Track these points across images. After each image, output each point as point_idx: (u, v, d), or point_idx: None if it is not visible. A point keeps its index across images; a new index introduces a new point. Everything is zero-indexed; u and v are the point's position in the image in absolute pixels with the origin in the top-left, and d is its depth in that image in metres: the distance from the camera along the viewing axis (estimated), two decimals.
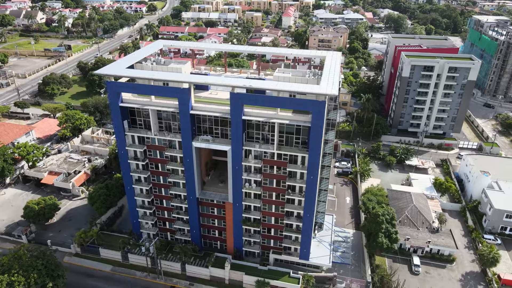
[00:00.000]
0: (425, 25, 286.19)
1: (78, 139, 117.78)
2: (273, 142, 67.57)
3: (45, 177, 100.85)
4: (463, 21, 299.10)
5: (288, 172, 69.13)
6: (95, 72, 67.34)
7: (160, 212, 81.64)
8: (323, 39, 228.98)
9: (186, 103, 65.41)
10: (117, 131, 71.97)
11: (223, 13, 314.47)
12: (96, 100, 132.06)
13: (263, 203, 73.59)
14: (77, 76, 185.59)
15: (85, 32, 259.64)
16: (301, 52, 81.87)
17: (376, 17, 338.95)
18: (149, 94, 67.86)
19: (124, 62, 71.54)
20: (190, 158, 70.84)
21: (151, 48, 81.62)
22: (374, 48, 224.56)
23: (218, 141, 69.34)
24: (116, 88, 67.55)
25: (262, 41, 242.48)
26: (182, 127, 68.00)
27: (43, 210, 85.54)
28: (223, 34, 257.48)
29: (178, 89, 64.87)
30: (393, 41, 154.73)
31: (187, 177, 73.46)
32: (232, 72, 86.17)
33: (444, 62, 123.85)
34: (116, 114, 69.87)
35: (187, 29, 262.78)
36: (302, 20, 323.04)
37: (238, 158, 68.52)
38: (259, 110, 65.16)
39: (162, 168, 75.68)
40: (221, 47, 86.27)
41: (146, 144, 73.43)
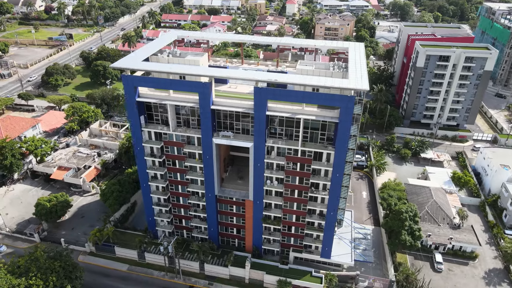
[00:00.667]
0: (431, 12, 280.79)
1: (86, 133, 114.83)
2: (297, 139, 65.13)
3: (55, 172, 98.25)
4: (470, 8, 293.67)
5: (312, 169, 66.74)
6: (112, 66, 64.20)
7: (177, 209, 79.41)
8: (329, 27, 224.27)
9: (207, 98, 62.55)
10: (133, 127, 69.20)
11: (225, 0, 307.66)
12: (102, 92, 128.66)
13: (284, 201, 71.39)
14: (80, 66, 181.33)
15: (86, 20, 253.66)
16: (325, 44, 78.32)
17: (381, 4, 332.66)
18: (167, 88, 64.89)
19: (139, 55, 68.34)
20: (210, 154, 68.29)
21: (165, 39, 78.11)
22: (381, 36, 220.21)
23: (239, 137, 66.73)
24: (132, 82, 64.53)
25: (267, 29, 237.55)
26: (202, 122, 65.29)
27: (55, 207, 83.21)
28: (227, 22, 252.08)
29: (199, 83, 61.95)
30: (405, 29, 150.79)
31: (206, 174, 71.05)
32: (249, 64, 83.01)
33: (460, 51, 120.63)
34: (132, 110, 67.02)
35: (190, 17, 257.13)
36: (306, 7, 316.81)
37: (261, 155, 66.05)
38: (284, 105, 62.51)
39: (180, 165, 73.15)
40: (239, 37, 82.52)
41: (163, 140, 70.76)
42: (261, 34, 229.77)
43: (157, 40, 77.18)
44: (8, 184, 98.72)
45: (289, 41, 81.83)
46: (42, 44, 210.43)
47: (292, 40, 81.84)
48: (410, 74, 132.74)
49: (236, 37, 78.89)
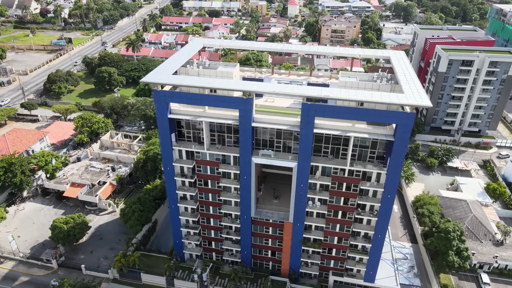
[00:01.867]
0: (435, 13, 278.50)
1: (97, 145, 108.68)
2: (344, 157, 60.31)
3: (68, 189, 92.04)
4: (472, 9, 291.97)
5: (359, 190, 61.94)
6: (143, 80, 58.62)
7: (206, 231, 74.03)
8: (336, 30, 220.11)
9: (249, 114, 57.44)
10: (163, 146, 63.71)
11: (226, 2, 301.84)
12: (111, 101, 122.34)
13: (326, 222, 66.48)
14: (83, 72, 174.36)
15: (84, 23, 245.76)
16: (363, 52, 73.56)
17: (382, 5, 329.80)
18: (204, 104, 59.49)
19: (168, 67, 62.83)
20: (248, 175, 63.11)
21: (192, 48, 72.64)
22: (389, 38, 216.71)
23: (280, 156, 61.62)
24: (165, 97, 59.11)
25: (271, 31, 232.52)
26: (242, 141, 60.09)
27: (72, 230, 77.22)
28: (229, 24, 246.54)
29: (240, 99, 56.75)
30: (422, 32, 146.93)
31: (242, 196, 65.84)
32: (279, 74, 77.91)
33: (484, 56, 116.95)
34: (164, 127, 61.59)
35: (191, 19, 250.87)
36: (307, 9, 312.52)
37: (304, 175, 61.05)
38: (332, 122, 57.63)
39: (213, 185, 67.79)
40: (268, 46, 77.50)
41: (195, 159, 65.33)
42: (265, 36, 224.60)
43: (184, 50, 71.59)
44: (17, 203, 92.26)
45: (324, 50, 76.83)
46: (40, 48, 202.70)
47: (328, 49, 76.93)
48: (431, 79, 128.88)
49: (266, 45, 73.80)
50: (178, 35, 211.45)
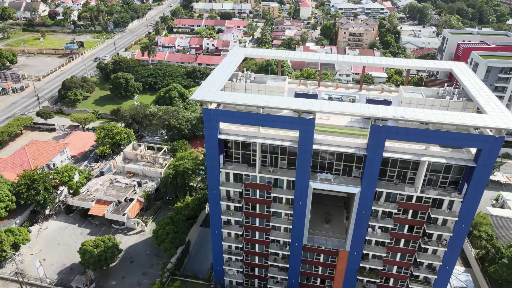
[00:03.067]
0: (450, 15, 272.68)
1: (120, 157, 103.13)
2: (411, 182, 54.74)
3: (93, 207, 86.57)
4: (488, 10, 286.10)
5: (427, 217, 56.35)
6: (192, 98, 52.92)
7: (250, 257, 68.46)
8: (353, 33, 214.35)
9: (310, 136, 51.85)
10: (210, 168, 58.13)
11: (236, 4, 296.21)
12: (133, 110, 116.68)
13: (387, 251, 60.87)
14: (97, 77, 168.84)
15: (94, 26, 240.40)
16: (421, 64, 67.82)
17: (394, 6, 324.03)
18: (259, 125, 53.92)
19: (214, 82, 57.19)
20: (304, 200, 57.51)
21: (234, 59, 66.98)
22: (408, 42, 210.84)
23: (341, 180, 56.00)
24: (216, 117, 53.54)
25: (286, 34, 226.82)
26: (299, 164, 54.49)
27: (104, 254, 71.63)
28: (243, 27, 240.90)
29: (301, 119, 51.12)
30: (452, 37, 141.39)
31: (295, 222, 60.24)
32: (326, 87, 72.27)
33: None
34: (212, 148, 56.04)
35: (203, 22, 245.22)
36: (319, 10, 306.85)
37: (368, 202, 55.44)
38: (401, 145, 52.02)
39: (261, 209, 62.22)
40: (311, 56, 71.70)
41: (244, 183, 59.74)
42: (280, 39, 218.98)
43: (226, 62, 65.81)
44: (40, 221, 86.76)
45: (374, 61, 70.15)
46: (51, 52, 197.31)
47: (378, 60, 70.75)
48: None
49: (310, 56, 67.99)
50: (192, 39, 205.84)
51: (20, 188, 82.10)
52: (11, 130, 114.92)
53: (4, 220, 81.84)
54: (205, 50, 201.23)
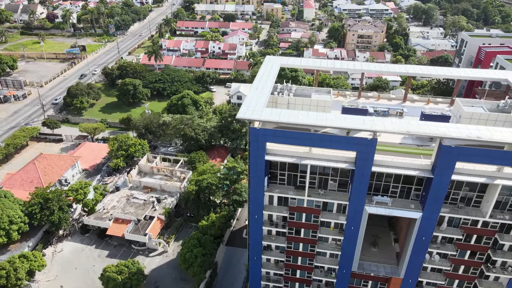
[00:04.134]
0: (456, 15, 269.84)
1: (135, 171, 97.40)
2: (477, 205, 50.07)
3: (111, 226, 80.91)
4: (493, 11, 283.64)
5: (492, 242, 51.69)
6: (240, 117, 47.59)
7: (290, 284, 63.29)
8: (362, 35, 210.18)
9: (370, 157, 46.89)
10: (254, 190, 52.93)
11: (239, 5, 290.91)
12: (146, 119, 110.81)
13: (444, 277, 56.14)
14: (101, 83, 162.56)
15: (94, 29, 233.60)
16: (473, 74, 63.15)
17: (397, 7, 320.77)
18: (313, 145, 48.82)
19: (257, 97, 52.01)
20: (357, 225, 52.53)
21: (270, 70, 61.91)
22: (417, 43, 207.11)
23: (399, 204, 51.04)
24: (265, 137, 48.34)
25: (292, 36, 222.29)
26: (355, 187, 49.46)
27: (128, 282, 66.01)
28: (248, 29, 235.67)
29: (363, 140, 46.14)
30: (471, 40, 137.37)
31: (344, 247, 55.26)
32: (366, 98, 67.37)
33: None
34: (258, 170, 50.86)
35: (207, 24, 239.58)
36: (322, 12, 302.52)
37: (430, 228, 50.61)
38: (472, 166, 47.18)
39: (307, 234, 57.09)
40: (345, 66, 66.93)
41: (289, 206, 54.60)
42: (287, 42, 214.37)
43: (263, 72, 60.67)
44: (54, 243, 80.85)
45: (415, 70, 65.27)
46: (52, 57, 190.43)
47: (419, 70, 65.90)
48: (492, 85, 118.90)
49: (362, 66, 63.26)
50: (197, 42, 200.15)
51: (33, 208, 76.27)
52: (17, 142, 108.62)
53: (16, 244, 75.94)
54: (211, 54, 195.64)
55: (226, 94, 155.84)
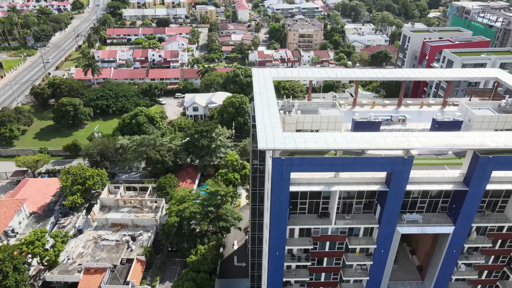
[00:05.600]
0: (380, 11, 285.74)
1: (97, 207, 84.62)
2: (501, 210, 49.25)
3: (82, 280, 68.43)
4: (411, 6, 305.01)
5: None
6: (263, 148, 40.57)
7: None
8: (303, 34, 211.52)
9: (406, 176, 43.22)
10: (276, 226, 46.50)
11: (170, 9, 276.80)
12: (101, 144, 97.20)
13: (469, 284, 55.02)
14: (29, 105, 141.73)
15: (8, 42, 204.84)
16: (464, 74, 62.86)
17: (325, 5, 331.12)
18: (343, 170, 43.73)
19: (269, 121, 45.73)
20: (387, 248, 48.83)
21: (265, 86, 55.67)
22: (355, 40, 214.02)
23: (429, 220, 48.21)
24: (290, 167, 42.13)
25: (233, 39, 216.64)
26: (388, 208, 45.55)
27: None
28: (185, 34, 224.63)
29: (399, 159, 42.13)
30: (414, 36, 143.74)
31: (373, 273, 51.31)
32: (361, 106, 64.19)
33: (495, 58, 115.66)
34: (282, 203, 44.59)
35: (140, 31, 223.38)
36: (256, 12, 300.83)
37: (461, 240, 48.65)
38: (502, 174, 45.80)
39: (329, 262, 52.16)
40: (364, 74, 62.14)
41: (313, 236, 49.15)
42: (229, 45, 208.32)
43: (260, 91, 53.89)
44: None
45: (420, 74, 63.07)
46: None
47: (422, 73, 64.11)
48: (440, 84, 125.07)
49: (363, 74, 59.27)
50: (135, 51, 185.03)
51: None
52: None
53: None
54: (151, 62, 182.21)
55: (178, 106, 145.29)
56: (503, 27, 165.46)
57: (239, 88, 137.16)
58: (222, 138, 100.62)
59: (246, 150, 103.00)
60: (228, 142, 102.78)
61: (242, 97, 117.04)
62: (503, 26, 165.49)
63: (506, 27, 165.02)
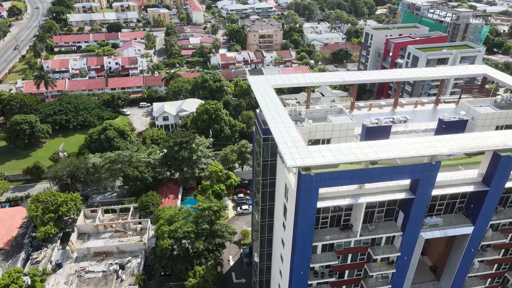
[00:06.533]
0: (332, 10, 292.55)
1: (74, 235, 76.67)
2: (511, 205, 50.22)
3: None
4: (360, 4, 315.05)
5: None
6: (291, 165, 37.33)
7: None
8: (263, 35, 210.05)
9: (432, 182, 42.41)
10: (302, 244, 43.82)
11: (119, 12, 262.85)
12: (70, 164, 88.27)
13: (480, 278, 55.81)
14: None
15: None
16: (448, 72, 63.63)
17: (277, 4, 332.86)
18: (371, 181, 41.79)
19: (286, 133, 42.90)
20: (410, 255, 47.93)
21: (268, 95, 52.61)
22: (314, 39, 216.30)
23: (449, 222, 47.92)
24: (319, 183, 39.59)
25: (192, 42, 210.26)
26: (414, 215, 44.59)
27: None
28: (140, 38, 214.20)
29: (427, 166, 41.14)
30: (377, 33, 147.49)
31: (395, 281, 50.19)
32: (359, 109, 63.12)
33: (456, 52, 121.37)
34: (308, 220, 42.07)
35: (91, 37, 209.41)
36: (209, 14, 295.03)
37: (479, 238, 48.97)
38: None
39: (350, 274, 50.30)
40: (352, 77, 60.35)
41: (336, 250, 46.93)
42: (189, 49, 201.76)
43: (265, 101, 50.53)
44: None
45: (415, 74, 63.23)
46: None
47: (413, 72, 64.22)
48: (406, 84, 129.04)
49: (363, 76, 57.75)
50: (88, 59, 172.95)
51: None
52: None
53: None
54: (108, 71, 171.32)
55: (144, 116, 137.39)
56: (452, 22, 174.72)
57: (209, 94, 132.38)
58: (202, 148, 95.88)
59: (228, 159, 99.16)
60: (208, 152, 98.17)
61: (217, 104, 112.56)
62: (452, 21, 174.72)
63: (456, 22, 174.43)
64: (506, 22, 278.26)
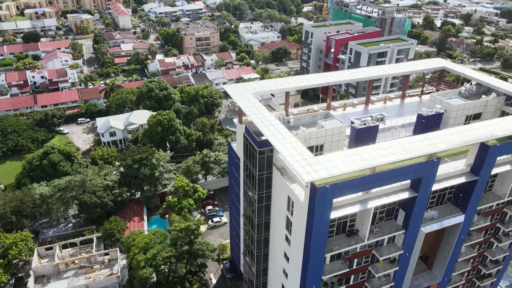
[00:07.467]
0: (262, 9, 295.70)
1: (31, 280, 66.81)
2: (490, 189, 53.63)
3: None
4: (287, 2, 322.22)
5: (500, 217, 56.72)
6: (308, 180, 35.07)
7: None
8: (200, 37, 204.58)
9: (432, 180, 43.39)
10: (316, 258, 42.17)
11: (35, 20, 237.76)
12: (14, 199, 76.54)
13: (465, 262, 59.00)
14: None
15: None
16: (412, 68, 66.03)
17: (206, 5, 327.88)
18: (380, 186, 41.34)
19: (289, 145, 40.99)
20: (410, 251, 48.75)
21: (255, 105, 50.01)
22: (251, 39, 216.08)
23: (444, 213, 49.57)
24: (333, 194, 38.28)
25: (124, 49, 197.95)
26: (416, 213, 45.21)
27: None
28: (64, 48, 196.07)
29: (429, 163, 41.90)
30: (316, 31, 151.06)
31: (398, 278, 50.82)
32: (334, 109, 63.09)
33: (394, 46, 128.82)
34: (322, 233, 40.63)
35: (6, 49, 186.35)
36: (137, 18, 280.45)
37: (468, 225, 51.51)
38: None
39: (355, 279, 49.78)
40: (328, 78, 58.94)
41: (344, 257, 45.98)
42: (123, 56, 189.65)
43: (254, 113, 47.65)
44: None
45: (384, 71, 64.70)
46: None
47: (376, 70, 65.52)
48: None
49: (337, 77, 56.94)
50: (7, 74, 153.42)
51: None
52: None
53: None
54: (33, 86, 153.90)
55: (85, 133, 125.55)
56: (379, 17, 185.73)
57: (156, 103, 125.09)
58: (163, 163, 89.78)
59: (191, 171, 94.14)
60: (170, 166, 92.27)
61: (169, 113, 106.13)
62: (379, 16, 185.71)
63: (382, 17, 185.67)
64: (417, 14, 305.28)
